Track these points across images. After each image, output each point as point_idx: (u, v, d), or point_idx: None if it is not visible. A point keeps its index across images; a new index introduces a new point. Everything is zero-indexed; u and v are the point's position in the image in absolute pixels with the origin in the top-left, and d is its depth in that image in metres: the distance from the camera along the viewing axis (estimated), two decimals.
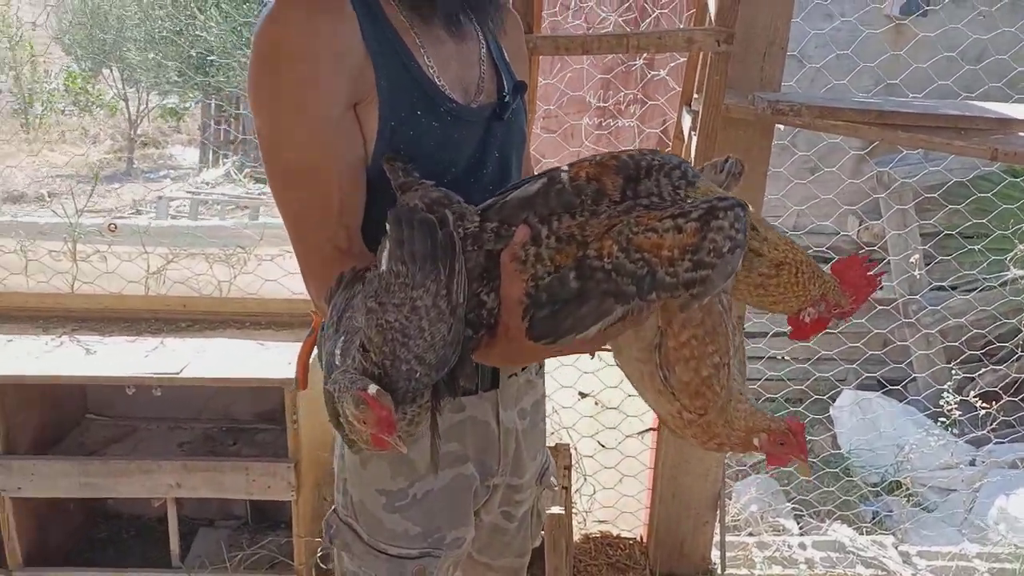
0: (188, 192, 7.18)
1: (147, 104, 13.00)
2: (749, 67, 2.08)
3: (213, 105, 11.16)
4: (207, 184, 10.35)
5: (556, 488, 1.48)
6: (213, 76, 6.82)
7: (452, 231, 0.89)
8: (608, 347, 1.05)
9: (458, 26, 1.08)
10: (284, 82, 0.99)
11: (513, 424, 1.27)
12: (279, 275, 2.47)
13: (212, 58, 6.41)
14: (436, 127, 1.06)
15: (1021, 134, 1.93)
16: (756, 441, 0.98)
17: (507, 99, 1.16)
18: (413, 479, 1.17)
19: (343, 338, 0.90)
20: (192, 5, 6.27)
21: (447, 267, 0.87)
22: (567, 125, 3.29)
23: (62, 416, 2.39)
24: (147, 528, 2.55)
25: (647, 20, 2.96)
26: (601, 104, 3.42)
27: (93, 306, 2.43)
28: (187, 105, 12.64)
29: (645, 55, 3.18)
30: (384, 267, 0.87)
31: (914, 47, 3.09)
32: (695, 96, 2.16)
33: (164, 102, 12.84)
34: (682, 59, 2.46)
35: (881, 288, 1.02)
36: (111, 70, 12.62)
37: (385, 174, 1.04)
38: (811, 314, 0.96)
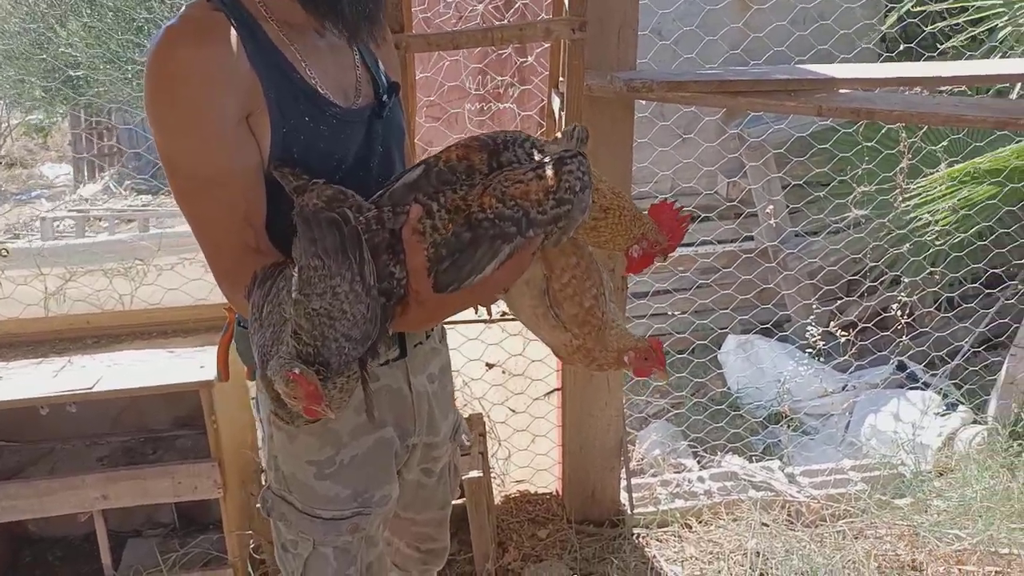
0: (73, 210, 6.92)
1: (9, 122, 12.26)
2: (607, 49, 2.27)
3: (83, 119, 10.66)
4: (85, 200, 9.93)
5: (468, 444, 1.65)
6: (82, 91, 6.56)
7: (355, 225, 1.03)
8: (508, 312, 1.26)
9: (359, 37, 1.21)
10: (179, 104, 1.10)
11: (424, 388, 1.41)
12: (180, 283, 2.51)
13: (80, 72, 6.17)
14: (324, 130, 1.19)
15: (842, 91, 2.20)
16: (625, 358, 1.20)
17: (384, 99, 1.30)
18: (339, 447, 1.30)
19: (270, 330, 1.03)
20: (50, 18, 6.00)
21: (357, 256, 1.01)
22: (450, 113, 3.44)
23: None
24: (73, 548, 2.56)
25: (513, 8, 3.13)
26: (480, 91, 3.58)
27: None
28: (54, 120, 11.99)
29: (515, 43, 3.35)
30: (302, 263, 1.01)
31: (757, 14, 3.42)
32: (561, 79, 2.34)
33: (28, 119, 12.14)
34: (548, 45, 2.64)
35: (688, 228, 1.26)
36: None
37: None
38: (637, 250, 1.20)
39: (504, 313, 2.25)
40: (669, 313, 3.78)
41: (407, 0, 2.09)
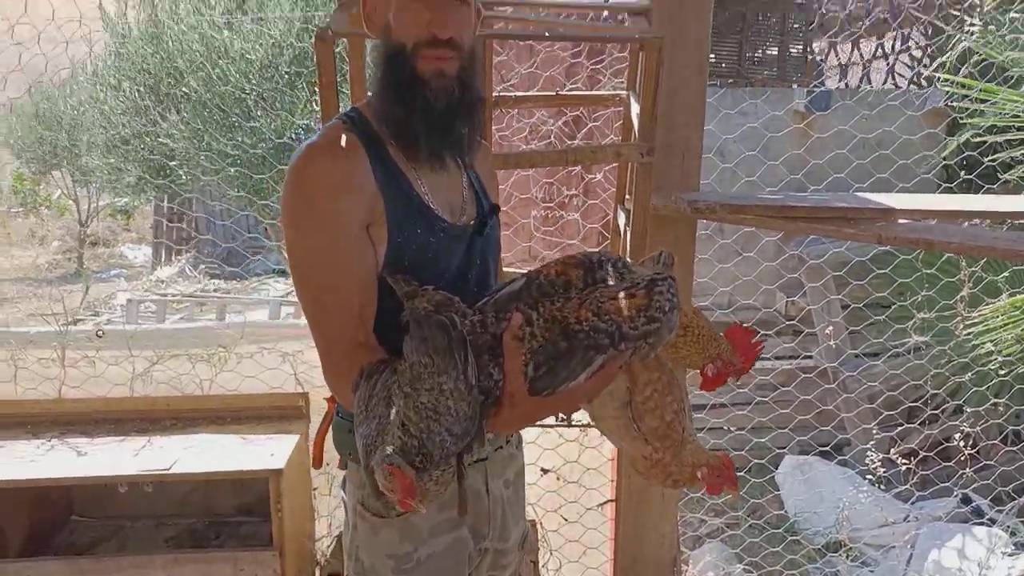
0: (153, 292, 7.32)
1: (97, 204, 13.08)
2: (671, 171, 2.40)
3: (166, 205, 11.35)
4: (161, 282, 10.47)
5: (537, 551, 1.68)
6: (173, 179, 7.08)
7: (461, 329, 1.15)
8: (581, 422, 1.33)
9: (441, 164, 1.36)
10: (312, 211, 1.26)
11: (500, 492, 1.48)
12: (258, 371, 2.65)
13: (174, 163, 6.68)
14: (432, 242, 1.33)
15: (901, 221, 2.27)
16: (699, 474, 1.25)
17: (485, 219, 1.44)
18: (418, 543, 1.36)
19: (375, 423, 1.13)
20: (153, 112, 6.57)
21: (462, 357, 1.12)
22: (518, 223, 3.62)
23: (50, 519, 2.50)
24: None
25: (583, 128, 3.34)
26: (548, 202, 3.76)
27: (81, 409, 2.57)
28: (138, 204, 12.74)
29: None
30: (413, 359, 1.12)
31: (818, 142, 3.57)
32: (627, 196, 2.47)
33: (115, 201, 12.93)
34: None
35: (761, 352, 1.34)
36: (61, 172, 12.73)
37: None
38: (712, 369, 1.28)
39: (568, 420, 2.31)
40: (726, 428, 3.77)
41: (488, 120, 2.27)
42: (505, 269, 1.94)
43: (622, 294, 1.17)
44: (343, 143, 1.29)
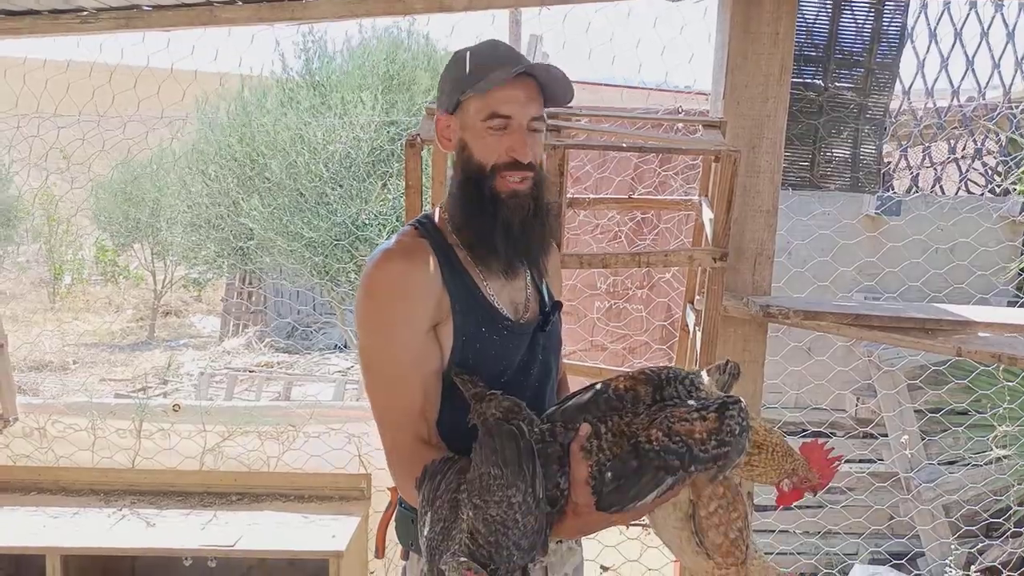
0: (224, 365, 7.55)
1: (172, 276, 13.66)
2: (742, 273, 2.42)
3: (237, 281, 11.79)
4: (227, 353, 10.77)
5: None
6: (250, 258, 7.42)
7: (530, 439, 1.16)
8: (643, 522, 1.30)
9: (514, 273, 1.43)
10: (383, 311, 1.32)
11: None
12: (323, 451, 2.70)
13: (251, 243, 7.01)
14: (496, 340, 1.38)
15: (980, 334, 2.22)
16: None
17: (548, 315, 1.48)
18: None
19: (440, 525, 1.14)
20: (236, 195, 6.95)
21: (530, 469, 1.13)
22: (582, 315, 3.65)
23: None
24: None
25: (652, 231, 3.40)
26: (611, 294, 3.79)
27: (152, 480, 2.64)
28: (210, 277, 13.24)
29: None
30: (482, 470, 1.13)
31: (890, 249, 3.54)
32: (697, 296, 2.49)
33: (189, 273, 13.47)
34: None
35: (838, 468, 1.32)
36: (141, 244, 13.38)
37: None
38: (788, 484, 1.27)
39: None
40: (792, 532, 3.62)
41: (561, 222, 2.34)
42: (566, 362, 1.95)
43: (693, 416, 1.17)
44: (414, 248, 1.37)
